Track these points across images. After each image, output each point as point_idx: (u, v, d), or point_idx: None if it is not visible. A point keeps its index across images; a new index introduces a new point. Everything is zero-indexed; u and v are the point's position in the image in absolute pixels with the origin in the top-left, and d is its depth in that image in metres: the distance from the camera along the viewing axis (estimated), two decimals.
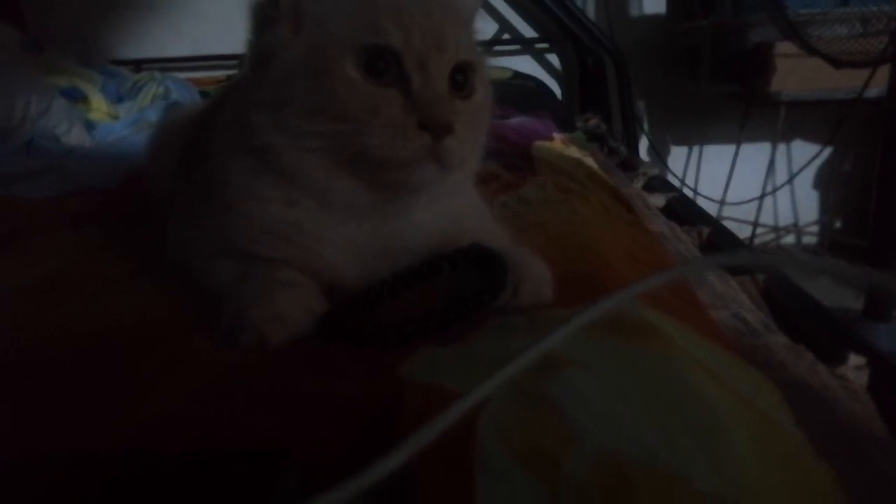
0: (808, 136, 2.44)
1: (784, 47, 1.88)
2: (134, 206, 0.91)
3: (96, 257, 0.73)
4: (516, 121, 1.39)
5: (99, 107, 1.43)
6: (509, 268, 0.51)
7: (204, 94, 1.71)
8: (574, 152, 1.24)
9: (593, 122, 2.05)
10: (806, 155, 2.43)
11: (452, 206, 0.59)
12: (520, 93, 1.83)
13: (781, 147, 2.46)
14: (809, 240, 2.57)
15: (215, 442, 0.36)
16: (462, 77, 0.54)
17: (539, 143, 1.23)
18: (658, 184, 1.63)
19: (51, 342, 0.50)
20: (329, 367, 0.43)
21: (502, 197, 0.89)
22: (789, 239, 2.57)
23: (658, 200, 1.40)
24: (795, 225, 2.55)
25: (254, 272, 0.53)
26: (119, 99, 1.58)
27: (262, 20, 0.54)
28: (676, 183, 2.41)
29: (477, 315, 0.48)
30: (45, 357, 0.48)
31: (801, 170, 2.20)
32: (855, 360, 0.67)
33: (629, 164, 1.78)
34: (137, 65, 2.15)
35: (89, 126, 1.33)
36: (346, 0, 0.51)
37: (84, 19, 2.30)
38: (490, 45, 2.33)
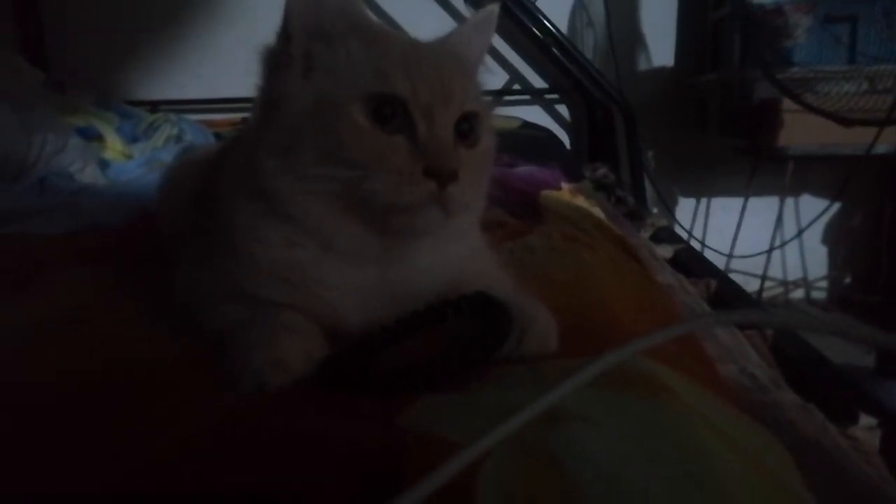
0: (817, 191, 2.45)
1: (791, 102, 1.90)
2: (144, 245, 0.92)
3: (105, 297, 0.72)
4: (524, 169, 1.40)
5: (114, 146, 1.45)
6: (514, 316, 0.51)
7: (218, 136, 1.74)
8: (582, 202, 1.25)
9: (601, 171, 2.06)
10: (814, 209, 2.43)
11: (457, 251, 0.59)
12: (529, 142, 1.85)
13: (789, 201, 2.47)
14: (818, 295, 2.55)
15: (211, 486, 0.36)
16: (467, 126, 0.55)
17: (546, 193, 1.24)
18: (665, 235, 1.63)
19: (54, 381, 0.50)
20: (329, 414, 0.42)
21: (508, 244, 0.89)
22: (798, 294, 2.56)
23: (665, 252, 1.40)
24: (804, 280, 2.53)
25: (258, 317, 0.53)
26: (134, 139, 1.61)
27: (273, 66, 0.56)
28: (684, 235, 2.41)
29: (480, 364, 0.47)
30: (48, 396, 0.48)
31: (809, 225, 2.19)
32: (866, 420, 0.66)
33: (636, 214, 1.78)
34: (154, 105, 2.20)
35: (104, 165, 1.36)
36: (356, 48, 0.53)
37: (104, 60, 2.36)
38: (500, 95, 2.37)
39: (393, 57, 0.52)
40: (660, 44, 2.41)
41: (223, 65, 2.31)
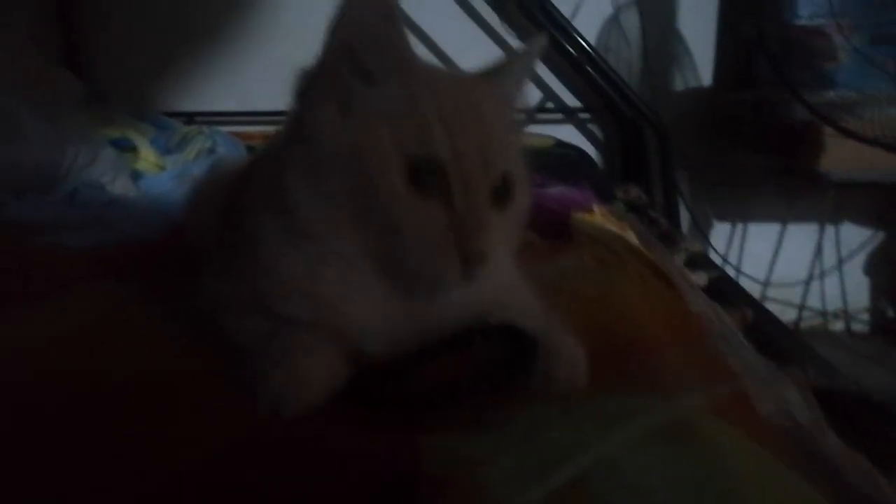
0: (859, 219, 2.37)
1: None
2: (173, 258, 0.92)
3: (132, 309, 0.73)
4: (556, 190, 1.38)
5: (147, 157, 1.47)
6: (542, 348, 0.49)
7: (250, 148, 1.75)
8: (614, 225, 1.22)
9: (634, 192, 2.02)
10: (856, 237, 2.35)
11: (487, 281, 0.57)
12: (560, 162, 1.83)
13: (829, 228, 2.39)
14: (859, 327, 2.46)
15: (228, 500, 0.35)
16: (503, 188, 0.53)
17: (578, 215, 1.22)
18: (700, 260, 1.59)
19: (78, 394, 0.50)
20: (348, 432, 0.41)
21: (538, 266, 0.87)
22: (838, 325, 2.47)
23: (700, 278, 1.36)
24: (844, 311, 2.44)
25: (279, 334, 0.52)
26: (168, 150, 1.62)
27: (309, 94, 0.54)
28: (718, 260, 2.35)
29: (505, 390, 0.45)
30: (68, 408, 0.48)
31: (851, 255, 2.12)
32: None
33: (670, 237, 1.74)
34: (190, 117, 2.23)
35: (136, 176, 1.37)
36: (398, 95, 0.51)
37: (145, 72, 2.41)
38: (533, 114, 2.35)
39: (436, 110, 0.50)
40: (697, 62, 2.37)
41: (259, 78, 2.34)
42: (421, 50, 2.39)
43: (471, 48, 2.24)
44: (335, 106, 0.51)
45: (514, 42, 2.27)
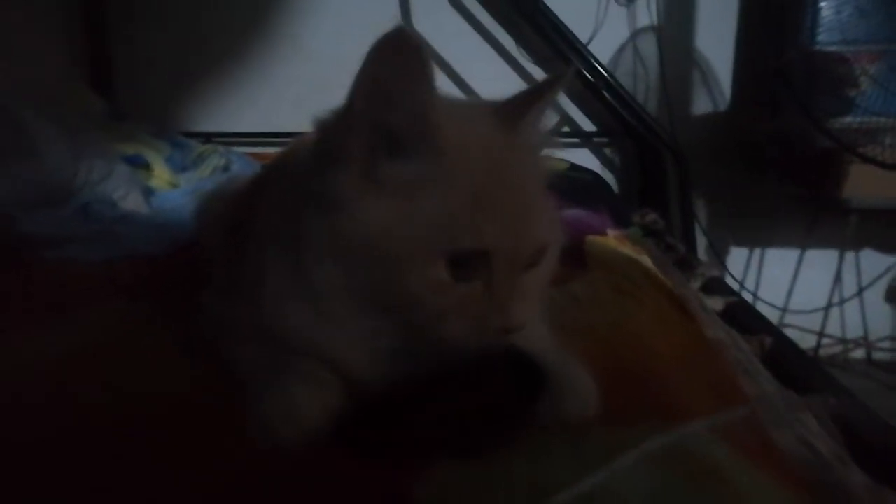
0: (880, 246, 2.33)
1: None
2: (183, 274, 0.91)
3: (141, 329, 0.72)
4: (571, 213, 1.36)
5: (161, 175, 1.48)
6: (552, 378, 0.47)
7: None
8: (629, 250, 1.20)
9: (650, 217, 2.00)
10: (876, 264, 2.31)
11: None
12: (576, 186, 1.81)
13: (849, 255, 2.35)
14: (881, 356, 2.40)
15: None
16: (537, 256, 0.51)
17: (592, 238, 1.20)
18: (716, 286, 1.56)
19: (76, 414, 0.49)
20: (340, 474, 0.39)
21: (550, 291, 0.85)
22: (858, 353, 2.41)
23: (716, 304, 1.33)
24: (865, 338, 2.39)
25: (276, 363, 0.51)
26: (183, 168, 1.63)
27: (327, 150, 0.48)
28: (735, 285, 2.31)
29: (508, 436, 0.43)
30: (70, 429, 0.47)
31: (872, 283, 2.08)
32: None
33: (686, 262, 1.71)
34: (208, 137, 2.25)
35: (149, 193, 1.37)
36: (430, 180, 0.46)
37: (165, 92, 2.44)
38: (549, 137, 2.35)
39: (474, 196, 0.45)
40: (715, 87, 2.36)
41: (277, 98, 2.36)
42: (438, 76, 2.40)
43: (488, 72, 2.25)
44: (357, 169, 0.46)
45: (530, 67, 2.28)
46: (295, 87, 2.31)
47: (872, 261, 2.33)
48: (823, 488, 0.57)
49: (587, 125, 2.39)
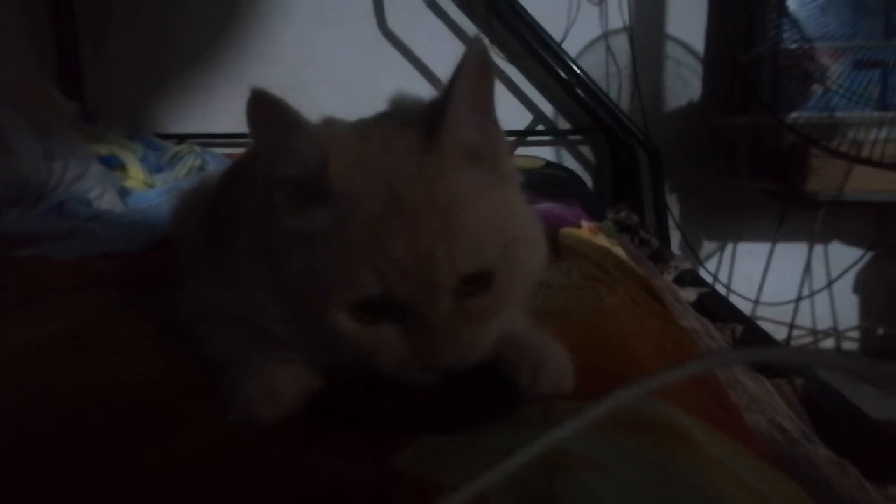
0: (848, 239, 2.39)
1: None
2: (157, 272, 0.91)
3: (112, 319, 0.72)
4: (543, 206, 1.38)
5: (136, 175, 1.47)
6: (528, 352, 0.48)
7: None
8: (602, 241, 1.22)
9: (624, 213, 2.03)
10: (845, 256, 2.36)
11: None
12: (550, 181, 1.83)
13: (818, 248, 2.40)
14: (850, 346, 2.46)
15: None
16: (472, 284, 0.45)
17: (566, 230, 1.21)
18: (690, 278, 1.59)
19: (47, 402, 0.49)
20: (318, 449, 0.40)
21: None
22: (828, 343, 2.47)
23: (689, 295, 1.36)
24: (835, 329, 2.45)
25: (256, 345, 0.51)
26: (158, 169, 1.62)
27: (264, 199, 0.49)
28: (709, 279, 2.35)
29: (476, 422, 0.43)
30: (38, 416, 0.47)
31: (841, 275, 2.12)
32: None
33: (660, 256, 1.74)
34: (181, 138, 2.23)
35: (124, 193, 1.37)
36: (327, 225, 0.45)
37: (137, 93, 2.42)
38: (523, 136, 2.37)
39: (366, 244, 0.43)
40: (687, 84, 2.40)
41: None
42: (411, 72, 2.42)
43: None
44: (283, 218, 0.47)
45: (504, 66, 2.30)
46: (270, 88, 2.29)
47: (841, 253, 2.39)
48: (791, 462, 0.59)
49: (562, 123, 2.42)
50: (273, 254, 0.48)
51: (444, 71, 0.47)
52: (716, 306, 1.34)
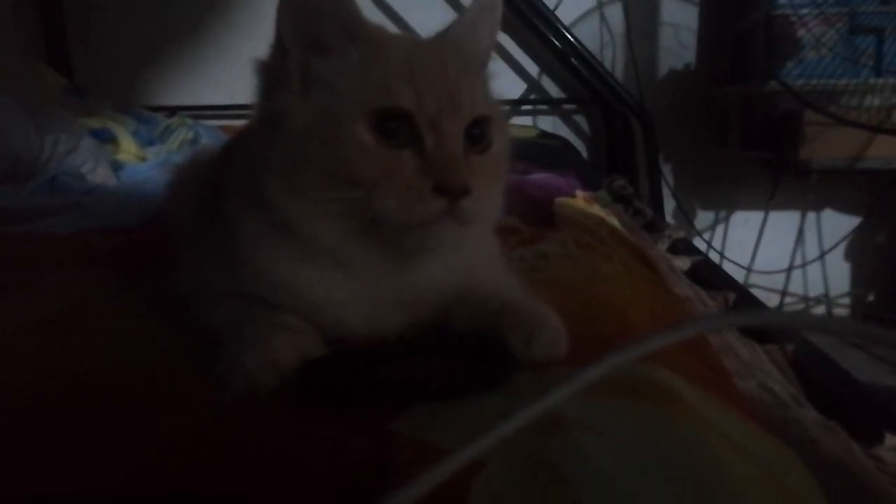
0: (840, 206, 2.40)
1: (815, 115, 1.86)
2: (153, 246, 0.91)
3: (108, 296, 0.72)
4: (538, 176, 1.38)
5: (128, 148, 1.45)
6: (521, 318, 0.49)
7: None
8: (597, 210, 1.22)
9: (619, 183, 2.03)
10: (837, 224, 2.38)
11: (468, 257, 0.57)
12: (545, 151, 1.83)
13: (811, 216, 2.42)
14: (841, 312, 2.49)
15: (192, 489, 0.34)
16: (478, 131, 0.52)
17: (561, 200, 1.22)
18: (683, 247, 1.60)
19: (42, 380, 0.49)
20: (319, 417, 0.40)
21: (520, 250, 0.87)
22: (819, 310, 2.50)
23: (683, 263, 1.37)
24: (826, 296, 2.47)
25: (255, 315, 0.52)
26: (150, 142, 1.61)
27: (269, 80, 0.53)
28: (703, 247, 2.36)
29: (468, 394, 0.44)
30: (34, 395, 0.47)
31: (835, 245, 2.14)
32: (892, 440, 0.63)
33: (655, 225, 1.75)
34: (172, 111, 2.21)
35: (117, 167, 1.36)
36: (355, 58, 0.50)
37: (126, 67, 2.39)
38: (517, 105, 2.36)
39: (395, 65, 0.50)
40: (681, 54, 2.38)
41: (242, 72, 2.31)
42: None
43: None
44: (296, 87, 0.51)
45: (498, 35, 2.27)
46: None
47: (833, 220, 2.40)
48: (781, 424, 0.60)
49: (555, 92, 2.41)
50: (276, 126, 0.51)
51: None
52: (709, 274, 1.35)
